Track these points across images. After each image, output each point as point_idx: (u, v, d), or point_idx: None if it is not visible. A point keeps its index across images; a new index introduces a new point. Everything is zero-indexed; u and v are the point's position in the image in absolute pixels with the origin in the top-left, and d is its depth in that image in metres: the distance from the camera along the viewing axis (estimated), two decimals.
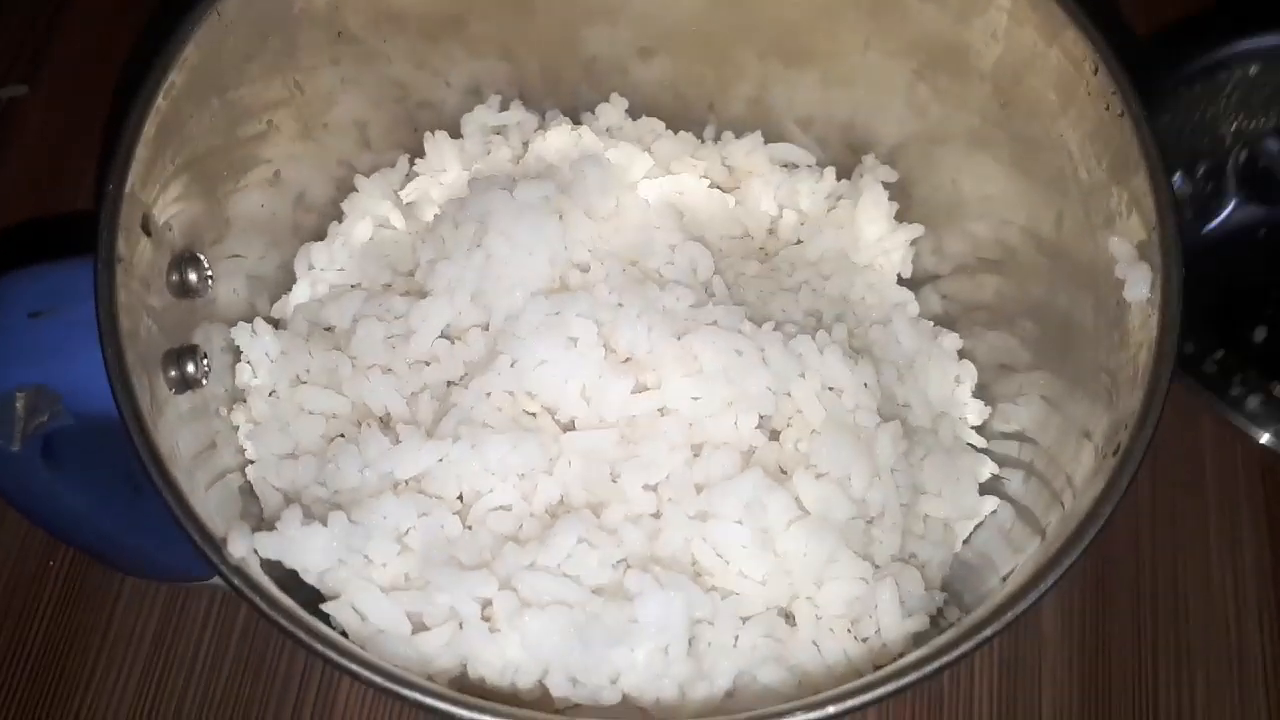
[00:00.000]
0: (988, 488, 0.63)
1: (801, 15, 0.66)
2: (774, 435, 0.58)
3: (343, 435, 0.57)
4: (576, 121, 0.73)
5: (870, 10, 0.63)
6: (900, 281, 0.71)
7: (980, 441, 0.65)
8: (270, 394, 0.59)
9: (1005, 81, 0.59)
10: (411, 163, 0.70)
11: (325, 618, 0.50)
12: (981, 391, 0.67)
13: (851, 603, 0.53)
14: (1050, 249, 0.61)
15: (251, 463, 0.57)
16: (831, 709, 0.41)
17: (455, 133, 0.71)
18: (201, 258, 0.54)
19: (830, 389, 0.58)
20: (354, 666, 0.41)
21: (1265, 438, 0.75)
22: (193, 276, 0.53)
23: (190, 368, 0.52)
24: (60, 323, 0.49)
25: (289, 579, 0.50)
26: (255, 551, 0.48)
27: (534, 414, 0.57)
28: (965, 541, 0.62)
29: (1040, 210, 0.61)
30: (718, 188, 0.72)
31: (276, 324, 0.64)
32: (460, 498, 0.55)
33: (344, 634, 0.49)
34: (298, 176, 0.64)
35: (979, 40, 0.59)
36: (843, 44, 0.66)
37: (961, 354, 0.68)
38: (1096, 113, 0.53)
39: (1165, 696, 0.72)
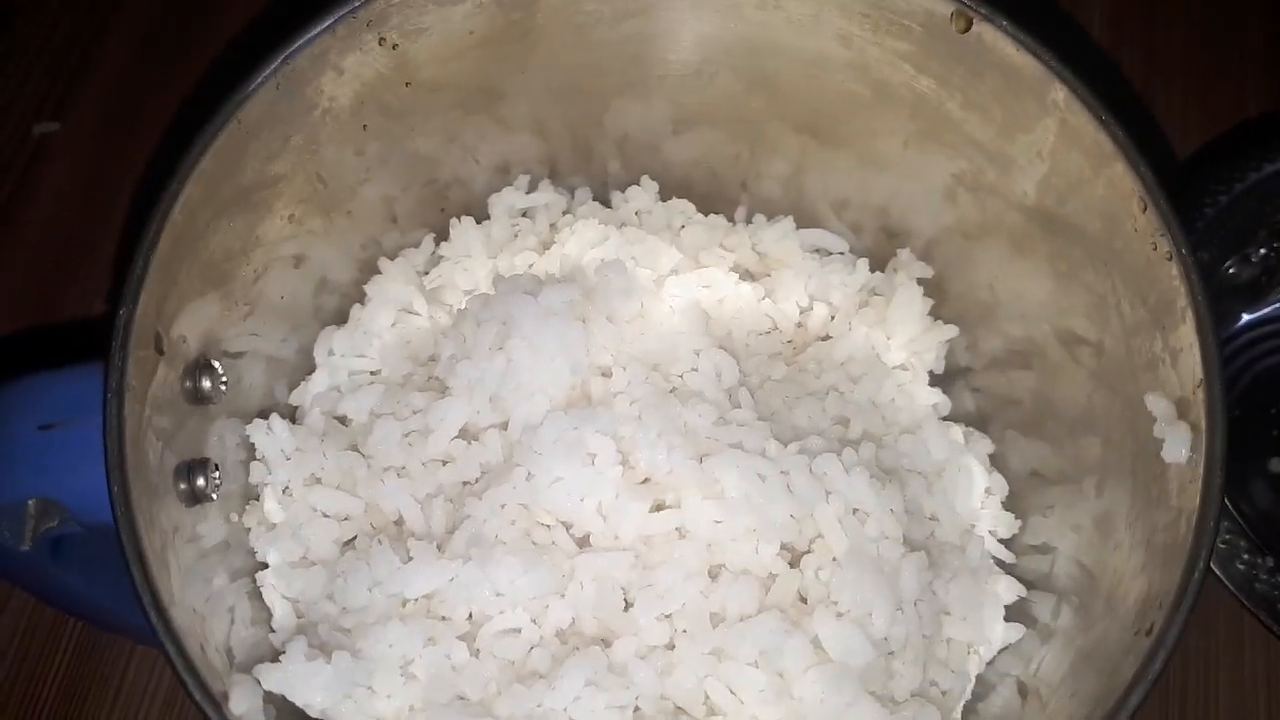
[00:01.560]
0: (1015, 611, 0.61)
1: (838, 108, 0.64)
2: (796, 558, 0.56)
3: (355, 539, 0.57)
4: (606, 201, 0.71)
5: (911, 111, 0.61)
6: (932, 378, 0.69)
7: (1009, 557, 0.64)
8: (284, 491, 0.58)
9: (1049, 201, 0.57)
10: (437, 243, 0.68)
11: None
12: (1012, 502, 0.65)
13: None
14: (1090, 368, 0.59)
15: (263, 566, 0.56)
16: None
17: (482, 212, 0.69)
18: (216, 365, 0.54)
19: (855, 511, 0.57)
20: None
21: None
22: (206, 384, 0.53)
23: (200, 481, 0.51)
24: (70, 438, 0.49)
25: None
26: (258, 683, 0.47)
27: (549, 526, 0.56)
28: (989, 663, 0.61)
29: (1081, 330, 0.59)
30: (749, 275, 0.70)
31: (294, 412, 0.63)
32: (470, 616, 0.54)
33: None
34: (320, 262, 0.63)
35: (1023, 156, 0.57)
36: (881, 139, 0.64)
37: (993, 459, 0.67)
38: (1143, 251, 0.51)
39: None
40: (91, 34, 0.94)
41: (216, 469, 0.53)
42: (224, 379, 0.54)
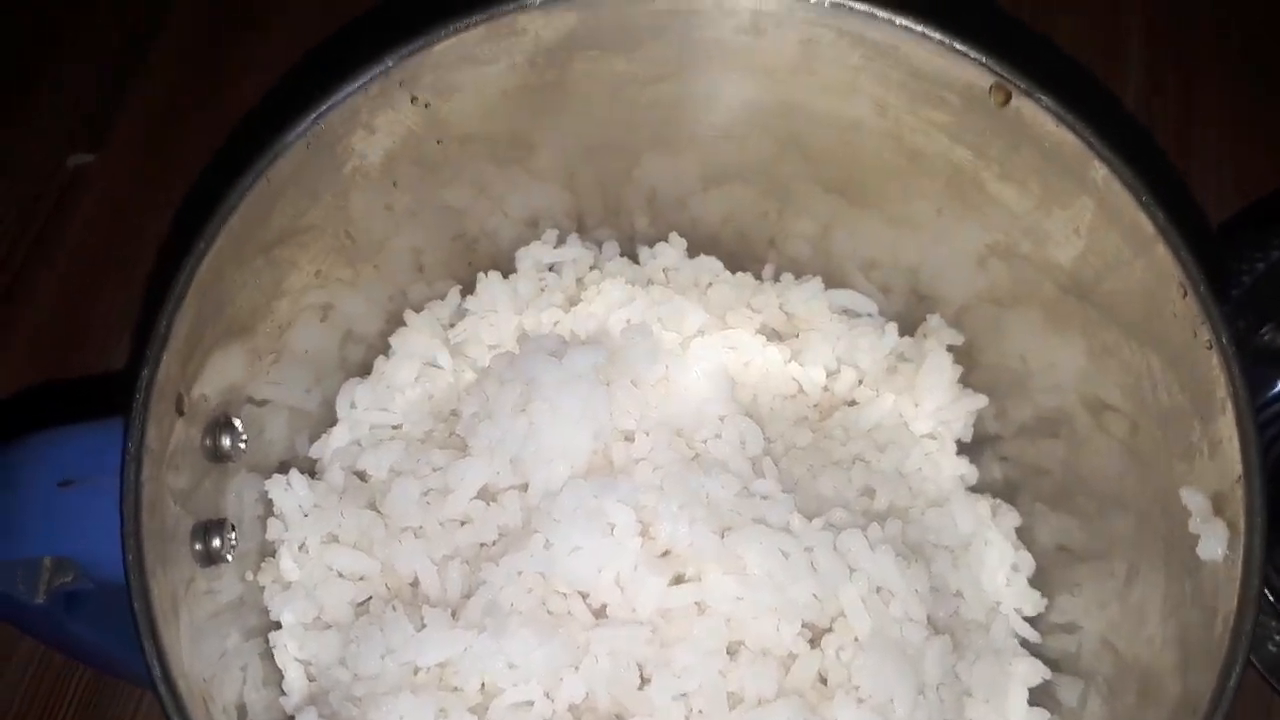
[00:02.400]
0: (1040, 694, 0.60)
1: (871, 173, 0.63)
2: (817, 636, 0.55)
3: (369, 600, 0.56)
4: (634, 256, 0.71)
5: (946, 180, 0.60)
6: (960, 446, 0.68)
7: (1034, 636, 0.62)
8: (301, 548, 0.57)
9: (1086, 278, 0.56)
10: (463, 296, 0.68)
11: None
12: (1039, 579, 0.64)
13: None
14: (1124, 445, 0.57)
15: (277, 625, 0.56)
16: None
17: (509, 265, 0.69)
18: (237, 423, 0.53)
19: (879, 590, 0.56)
20: None
21: None
22: (226, 442, 0.52)
23: (216, 543, 0.51)
24: (87, 497, 0.49)
25: None
26: None
27: (565, 595, 0.55)
28: None
29: (1115, 403, 0.57)
30: (777, 335, 0.70)
31: (314, 465, 0.62)
32: (483, 687, 0.53)
33: None
34: (345, 315, 0.63)
35: (1060, 232, 0.56)
36: (914, 204, 0.63)
37: (1020, 532, 0.65)
38: (1182, 338, 0.50)
39: None
40: (130, 62, 0.95)
41: (233, 529, 0.52)
42: (244, 437, 0.54)
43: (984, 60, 0.53)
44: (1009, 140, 0.55)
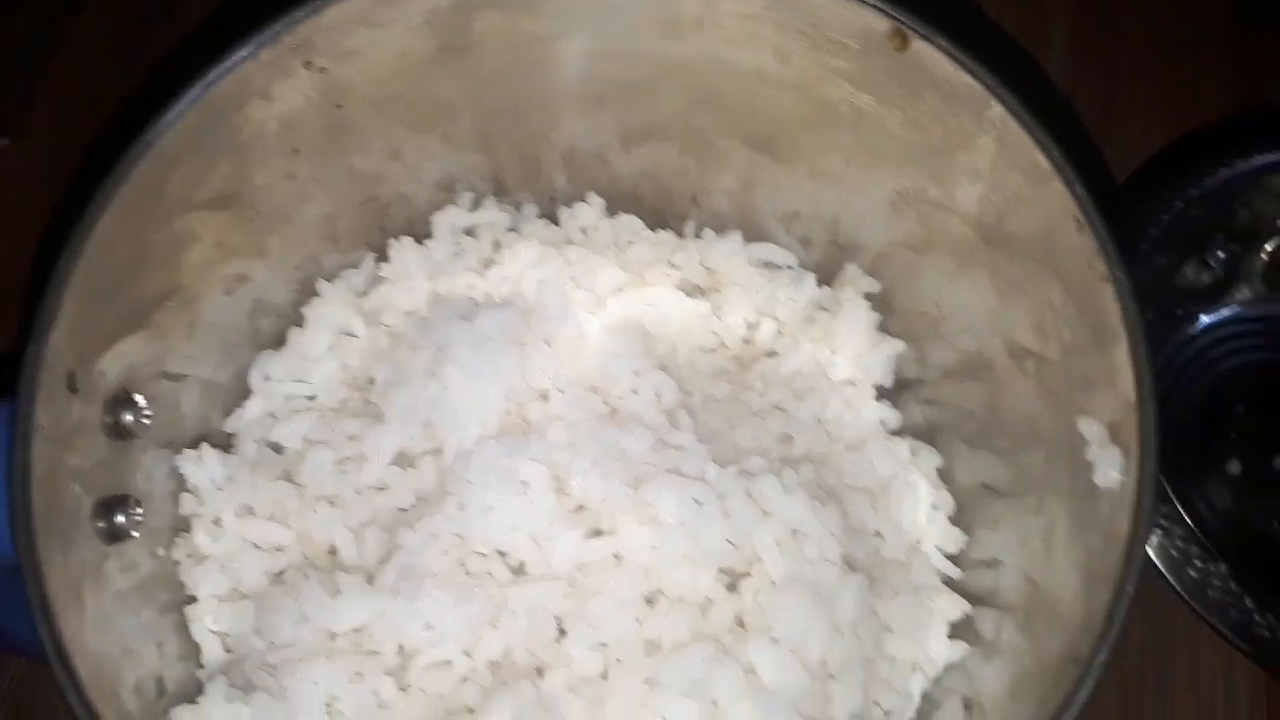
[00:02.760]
0: (959, 627, 0.61)
1: (782, 124, 0.63)
2: (735, 581, 0.56)
3: (285, 572, 0.56)
4: (553, 218, 0.71)
5: (853, 128, 0.60)
6: (880, 391, 0.68)
7: (955, 572, 0.63)
8: (215, 522, 0.57)
9: (989, 219, 0.57)
10: (377, 262, 0.67)
11: None
12: (961, 517, 0.65)
13: None
14: (1035, 381, 0.58)
15: (193, 600, 0.56)
16: None
17: (426, 231, 0.68)
18: (138, 398, 0.53)
19: (795, 533, 0.56)
20: None
21: None
22: (128, 418, 0.52)
23: (121, 518, 0.50)
24: None
25: None
26: None
27: (484, 555, 0.55)
28: (934, 681, 0.60)
29: (1024, 345, 0.58)
30: (698, 289, 0.70)
31: (229, 439, 0.62)
32: (401, 650, 0.53)
33: None
34: (254, 287, 0.62)
35: (963, 174, 0.57)
36: (826, 155, 0.64)
37: (942, 473, 0.66)
38: (1079, 271, 0.51)
39: None
40: (48, 45, 0.92)
41: (138, 504, 0.52)
42: (147, 412, 0.53)
43: (878, 4, 0.53)
44: (909, 85, 0.55)
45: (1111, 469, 0.47)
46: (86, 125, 0.88)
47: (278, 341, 0.65)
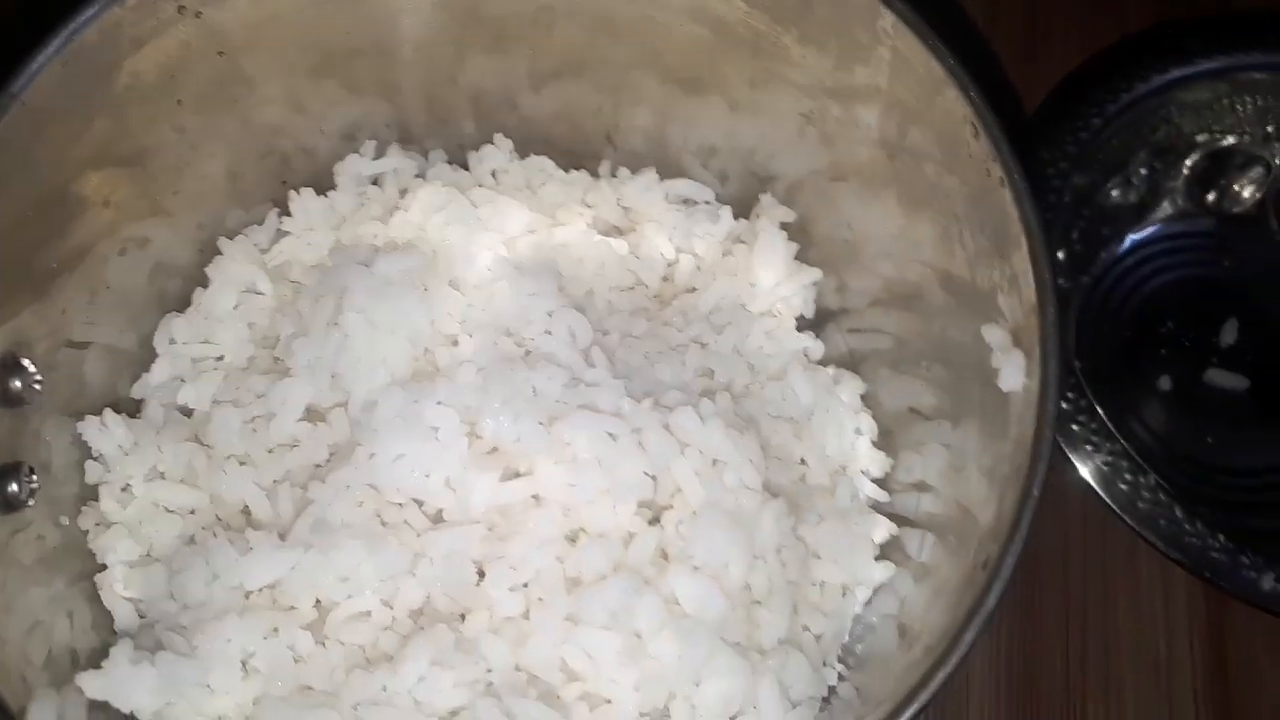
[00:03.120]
0: (888, 549, 0.61)
1: (683, 51, 0.62)
2: (658, 515, 0.55)
3: (194, 536, 0.55)
4: (463, 164, 0.69)
5: (752, 51, 0.59)
6: (802, 323, 0.68)
7: (882, 495, 0.63)
8: (124, 489, 0.56)
9: (891, 133, 0.56)
10: (281, 218, 0.66)
11: None
12: (885, 441, 0.65)
13: (730, 701, 0.51)
14: (944, 299, 0.58)
15: (103, 568, 0.54)
16: None
17: (330, 183, 0.67)
18: (26, 363, 0.51)
19: (714, 462, 0.56)
20: None
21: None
22: (16, 384, 0.50)
23: (14, 487, 0.49)
24: None
25: None
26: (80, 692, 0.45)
27: (400, 505, 0.54)
28: (866, 604, 0.60)
29: (934, 261, 0.58)
30: (616, 229, 0.69)
31: (138, 405, 0.60)
32: (318, 602, 0.52)
33: None
34: (151, 247, 0.60)
35: (862, 89, 0.56)
36: (731, 82, 0.62)
37: (866, 399, 0.66)
38: (978, 178, 0.50)
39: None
40: None
41: (31, 472, 0.51)
42: (37, 378, 0.51)
43: None
44: None
45: (1015, 373, 0.47)
46: None
47: (183, 303, 0.63)
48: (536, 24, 0.62)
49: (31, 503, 0.50)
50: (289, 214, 0.65)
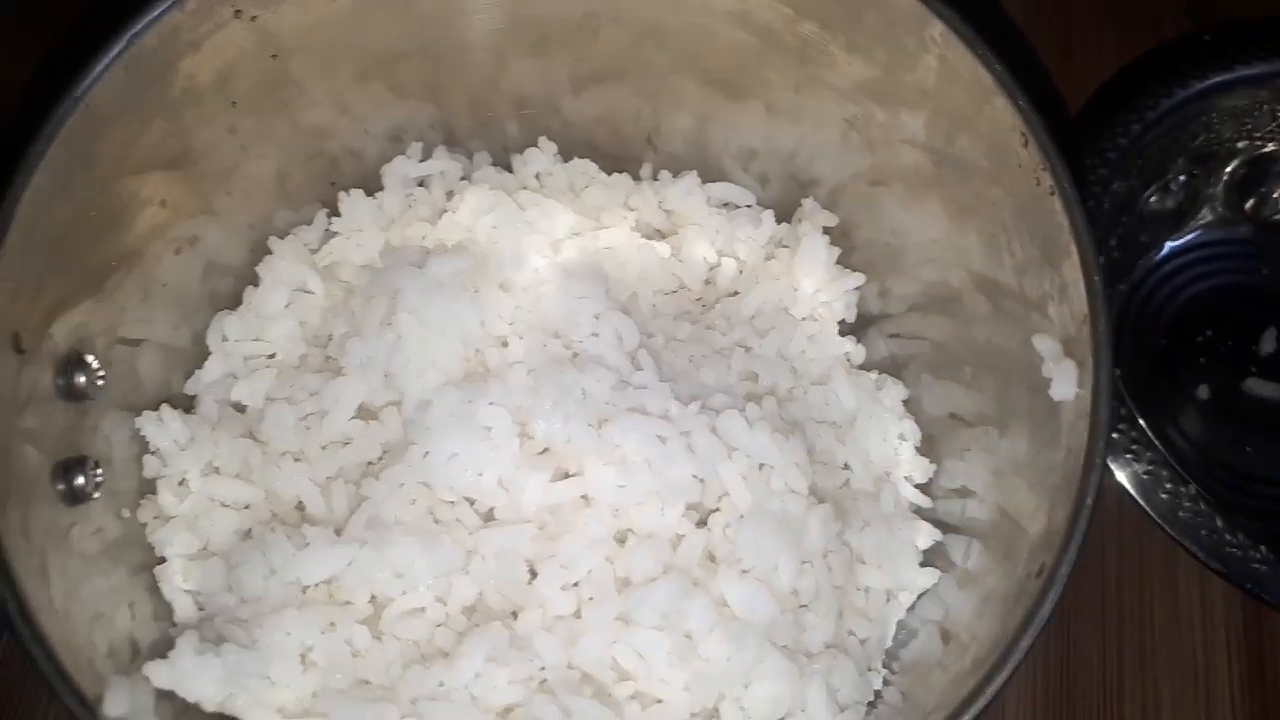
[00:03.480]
0: (931, 555, 0.61)
1: (730, 57, 0.62)
2: (705, 518, 0.56)
3: (252, 530, 0.56)
4: (506, 166, 0.70)
5: (798, 57, 0.60)
6: (844, 327, 0.68)
7: (925, 501, 0.63)
8: (181, 483, 0.57)
9: (938, 141, 0.56)
10: (330, 218, 0.67)
11: None
12: (928, 446, 0.65)
13: (779, 703, 0.51)
14: (990, 307, 0.58)
15: (162, 560, 0.55)
16: None
17: (377, 184, 0.67)
18: (89, 359, 0.52)
19: (761, 466, 0.56)
20: None
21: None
22: (81, 379, 0.51)
23: (80, 480, 0.50)
24: None
25: None
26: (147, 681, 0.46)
27: (452, 503, 0.55)
28: (910, 609, 0.61)
29: (980, 268, 0.58)
30: (658, 232, 0.69)
31: (191, 401, 0.61)
32: (374, 600, 0.53)
33: None
34: (205, 246, 0.61)
35: (910, 96, 0.56)
36: (775, 87, 0.63)
37: (908, 405, 0.66)
38: (1027, 187, 0.51)
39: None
40: None
41: (97, 466, 0.52)
42: (100, 373, 0.52)
43: None
44: (849, 7, 0.55)
45: (1067, 382, 0.47)
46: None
47: (234, 302, 0.64)
48: (582, 29, 0.63)
49: (96, 496, 0.51)
50: (337, 214, 0.66)
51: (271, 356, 0.63)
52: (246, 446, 0.57)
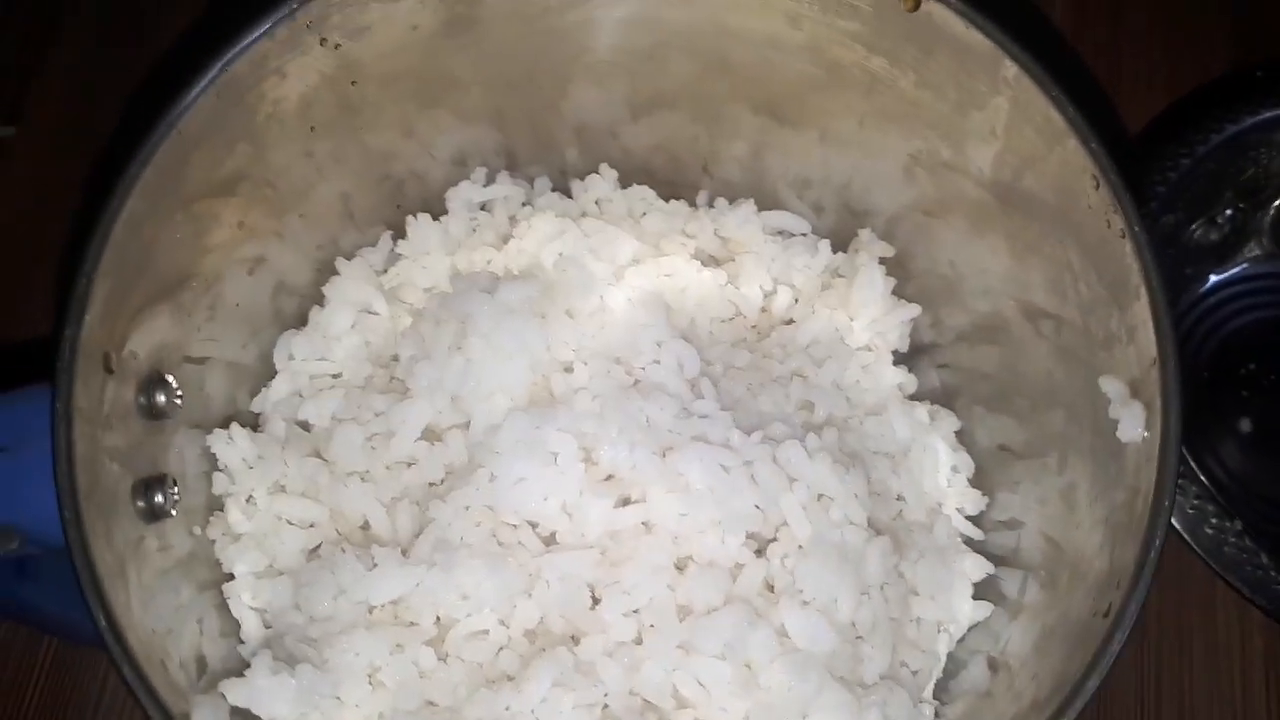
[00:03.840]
0: (982, 588, 0.62)
1: (794, 89, 0.63)
2: (763, 547, 0.57)
3: (319, 547, 0.56)
4: (566, 190, 0.71)
5: (866, 91, 0.60)
6: (896, 357, 0.69)
7: (976, 534, 0.64)
8: (248, 500, 0.58)
9: (1004, 178, 0.57)
10: (394, 240, 0.68)
11: None
12: (980, 479, 0.66)
13: None
14: (1052, 342, 0.59)
15: (230, 577, 0.56)
16: None
17: (440, 207, 0.69)
18: (170, 379, 0.53)
19: (820, 497, 0.57)
20: None
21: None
22: (161, 398, 0.52)
23: (159, 498, 0.51)
24: (21, 462, 0.48)
25: None
26: (223, 699, 0.47)
27: (515, 526, 0.56)
28: (960, 641, 0.61)
29: (1042, 304, 0.58)
30: (713, 261, 0.70)
31: (256, 419, 0.62)
32: (439, 621, 0.54)
33: None
34: (275, 266, 0.62)
35: (978, 133, 0.57)
36: (838, 119, 0.64)
37: (960, 435, 0.67)
38: (1097, 228, 0.51)
39: None
40: (45, 33, 0.92)
41: (175, 484, 0.53)
42: (179, 392, 0.54)
43: None
44: (922, 46, 0.55)
45: (1135, 425, 0.48)
46: (84, 108, 0.88)
47: (300, 322, 0.65)
48: (654, 60, 0.63)
49: (174, 513, 0.52)
50: (402, 237, 0.67)
51: (336, 376, 0.64)
52: (314, 466, 0.58)
